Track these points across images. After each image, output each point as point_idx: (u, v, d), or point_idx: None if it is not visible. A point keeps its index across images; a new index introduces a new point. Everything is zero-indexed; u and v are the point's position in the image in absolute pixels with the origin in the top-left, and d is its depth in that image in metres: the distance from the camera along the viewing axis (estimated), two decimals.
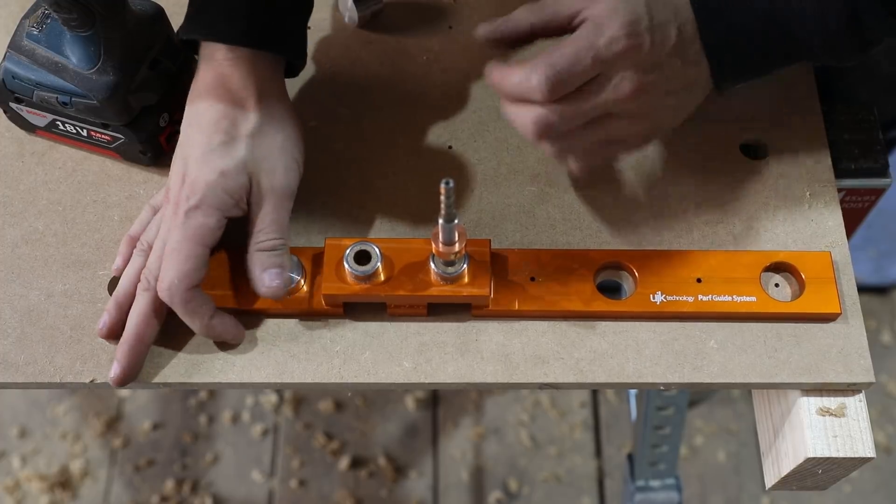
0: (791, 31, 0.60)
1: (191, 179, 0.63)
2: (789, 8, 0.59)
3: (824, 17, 0.59)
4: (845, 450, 0.64)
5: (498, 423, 1.58)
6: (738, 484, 1.54)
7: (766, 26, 0.60)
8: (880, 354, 1.63)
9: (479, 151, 0.74)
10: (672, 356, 0.66)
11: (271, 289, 0.64)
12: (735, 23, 0.60)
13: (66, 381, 0.65)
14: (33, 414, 1.58)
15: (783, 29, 0.60)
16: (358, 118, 0.76)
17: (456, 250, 0.61)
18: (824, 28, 0.60)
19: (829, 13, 0.59)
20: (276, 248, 0.64)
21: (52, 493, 1.51)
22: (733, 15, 0.60)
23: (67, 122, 0.71)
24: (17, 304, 0.68)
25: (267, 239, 0.64)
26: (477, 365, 0.65)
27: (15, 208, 0.72)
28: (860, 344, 0.66)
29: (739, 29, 0.60)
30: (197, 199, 0.62)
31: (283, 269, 0.65)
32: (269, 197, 0.65)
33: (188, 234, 0.62)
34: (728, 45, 0.61)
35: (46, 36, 0.68)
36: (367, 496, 1.52)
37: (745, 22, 0.60)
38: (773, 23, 0.60)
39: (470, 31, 0.80)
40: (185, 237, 0.62)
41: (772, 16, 0.60)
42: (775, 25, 0.60)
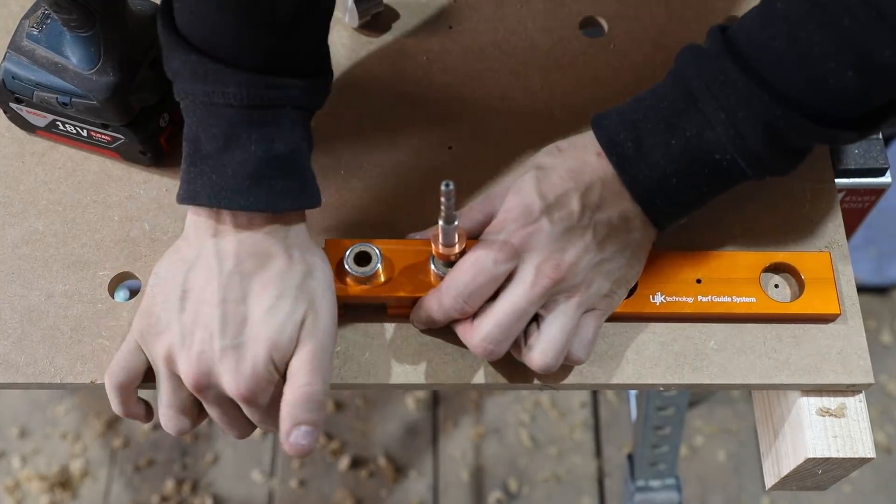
0: (714, 161, 0.58)
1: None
2: (704, 140, 0.58)
3: (742, 140, 0.57)
4: (845, 450, 0.64)
5: (498, 423, 1.58)
6: (738, 484, 1.54)
7: (689, 164, 0.59)
8: (880, 354, 1.63)
9: (479, 152, 0.74)
10: (672, 357, 0.66)
11: (299, 449, 0.57)
12: (655, 164, 0.59)
13: (67, 381, 0.65)
14: (33, 414, 1.58)
15: (706, 161, 0.58)
16: (358, 118, 0.76)
17: (456, 251, 0.61)
18: (746, 151, 0.57)
19: (747, 136, 0.57)
20: (313, 398, 0.57)
21: (52, 493, 1.51)
22: (651, 157, 0.59)
23: (67, 123, 0.71)
24: (18, 304, 0.68)
25: (306, 383, 0.57)
26: (477, 365, 0.65)
27: (15, 208, 0.72)
28: (860, 344, 0.66)
29: (661, 170, 0.59)
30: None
31: (317, 427, 0.57)
32: (311, 339, 0.58)
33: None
34: (654, 188, 0.60)
35: (46, 36, 0.68)
36: (367, 496, 1.52)
37: (666, 163, 0.59)
38: (694, 158, 0.58)
39: (470, 31, 0.80)
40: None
41: (689, 152, 0.58)
42: (696, 160, 0.59)
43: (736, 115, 0.56)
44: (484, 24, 0.80)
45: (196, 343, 0.57)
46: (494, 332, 0.60)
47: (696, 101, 0.58)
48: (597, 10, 0.81)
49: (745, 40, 0.57)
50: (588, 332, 0.62)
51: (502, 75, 0.78)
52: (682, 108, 0.58)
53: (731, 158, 0.58)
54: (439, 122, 0.76)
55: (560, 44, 0.79)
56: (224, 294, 0.57)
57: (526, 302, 0.59)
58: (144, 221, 0.71)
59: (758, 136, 0.57)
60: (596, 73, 0.78)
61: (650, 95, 0.60)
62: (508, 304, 0.60)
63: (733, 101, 0.56)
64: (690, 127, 0.58)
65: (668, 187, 0.60)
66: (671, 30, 0.80)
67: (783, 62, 0.55)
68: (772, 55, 0.56)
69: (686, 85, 0.58)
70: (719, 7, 0.80)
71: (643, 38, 0.79)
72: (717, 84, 0.57)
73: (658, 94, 0.60)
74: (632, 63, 0.78)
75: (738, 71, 0.56)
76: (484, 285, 0.60)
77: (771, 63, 0.56)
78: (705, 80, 0.57)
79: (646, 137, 0.59)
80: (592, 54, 0.79)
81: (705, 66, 0.57)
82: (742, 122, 0.56)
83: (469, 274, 0.60)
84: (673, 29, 0.80)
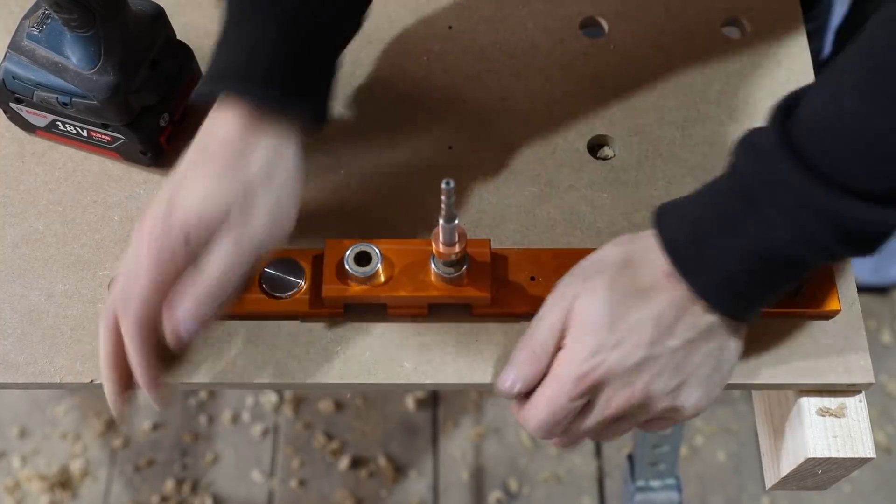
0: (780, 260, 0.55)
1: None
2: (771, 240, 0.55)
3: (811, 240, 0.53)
4: (845, 450, 0.64)
5: (498, 423, 1.58)
6: (738, 484, 1.54)
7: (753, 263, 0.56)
8: (880, 354, 1.63)
9: (480, 151, 0.74)
10: None
11: (179, 338, 0.58)
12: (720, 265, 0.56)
13: (67, 381, 0.65)
14: (33, 414, 1.58)
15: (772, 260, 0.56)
16: (358, 118, 0.76)
17: (456, 251, 0.61)
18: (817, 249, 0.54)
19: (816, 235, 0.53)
20: (212, 294, 0.58)
21: (52, 493, 1.51)
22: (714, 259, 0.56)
23: (67, 123, 0.71)
24: (18, 304, 0.68)
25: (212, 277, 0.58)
26: (477, 365, 0.65)
27: (15, 208, 0.72)
28: (860, 344, 0.66)
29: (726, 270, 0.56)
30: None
31: (202, 323, 0.59)
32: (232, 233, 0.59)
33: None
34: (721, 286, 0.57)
35: (46, 36, 0.68)
36: (367, 496, 1.52)
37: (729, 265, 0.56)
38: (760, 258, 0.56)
39: (470, 31, 0.80)
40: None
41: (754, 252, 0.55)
42: (763, 259, 0.56)
43: (799, 219, 0.53)
44: (484, 24, 0.80)
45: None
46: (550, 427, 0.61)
47: (756, 202, 0.54)
48: (597, 10, 0.81)
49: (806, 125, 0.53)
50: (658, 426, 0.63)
51: (502, 76, 0.78)
52: (742, 208, 0.55)
53: (801, 255, 0.55)
54: (439, 122, 0.76)
55: (560, 44, 0.79)
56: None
57: (596, 424, 0.60)
58: None
59: (829, 234, 0.53)
60: (596, 73, 0.78)
61: (711, 192, 0.58)
62: (582, 428, 0.61)
63: (791, 203, 0.53)
64: (753, 228, 0.55)
65: (737, 286, 0.57)
66: (671, 30, 0.80)
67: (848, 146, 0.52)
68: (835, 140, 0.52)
69: (745, 184, 0.55)
70: (719, 7, 0.80)
71: (643, 38, 0.79)
72: (773, 185, 0.53)
73: (719, 191, 0.58)
74: (632, 63, 0.78)
75: (795, 170, 0.52)
76: (562, 419, 0.60)
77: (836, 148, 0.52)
78: (762, 179, 0.54)
79: (705, 237, 0.57)
80: (592, 54, 0.79)
81: (763, 164, 0.54)
82: (809, 225, 0.53)
83: (546, 411, 0.60)
84: (673, 29, 0.80)
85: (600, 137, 0.75)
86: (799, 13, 0.80)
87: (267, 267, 0.67)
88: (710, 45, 0.79)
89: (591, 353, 0.58)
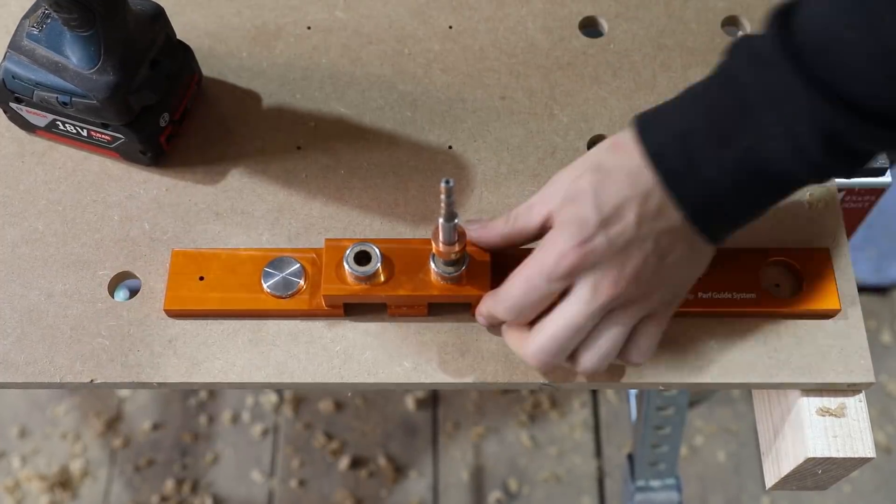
0: (771, 173, 0.54)
1: None
2: (761, 153, 0.53)
3: (803, 153, 0.52)
4: (845, 450, 0.64)
5: (498, 423, 1.58)
6: (738, 484, 1.54)
7: (744, 177, 0.54)
8: (880, 354, 1.63)
9: (480, 151, 0.74)
10: (672, 356, 0.66)
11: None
12: (707, 180, 0.54)
13: (66, 381, 0.65)
14: (33, 414, 1.58)
15: (762, 174, 0.54)
16: (358, 118, 0.76)
17: (456, 250, 0.61)
18: (808, 163, 0.52)
19: (809, 149, 0.52)
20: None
21: (52, 493, 1.51)
22: (703, 174, 0.54)
23: (67, 122, 0.71)
24: (17, 304, 0.68)
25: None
26: (477, 365, 0.65)
27: (15, 208, 0.72)
28: (860, 344, 0.66)
29: (714, 187, 0.55)
30: None
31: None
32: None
33: None
34: (707, 205, 0.55)
35: (46, 36, 0.68)
36: (367, 496, 1.52)
37: (719, 179, 0.54)
38: (750, 172, 0.54)
39: (470, 31, 0.80)
40: None
41: (745, 166, 0.54)
42: (752, 174, 0.54)
43: (795, 129, 0.51)
44: (484, 24, 0.80)
45: None
46: (549, 345, 0.58)
47: (752, 112, 0.52)
48: (597, 10, 0.81)
49: (809, 35, 0.51)
50: (645, 340, 0.60)
51: (502, 75, 0.78)
52: (738, 117, 0.53)
53: (792, 170, 0.53)
54: (439, 122, 0.76)
55: (560, 44, 0.79)
56: None
57: (583, 318, 0.57)
58: (144, 221, 0.71)
59: (819, 150, 0.51)
60: (596, 73, 0.78)
61: (701, 99, 0.55)
62: (564, 321, 0.58)
63: (792, 113, 0.51)
64: (747, 138, 0.53)
65: (722, 203, 0.55)
66: (671, 30, 0.80)
67: (856, 58, 0.50)
68: (842, 52, 0.50)
69: (740, 92, 0.53)
70: (719, 7, 0.80)
71: (643, 38, 0.79)
72: (774, 95, 0.52)
73: (710, 98, 0.55)
74: (632, 63, 0.78)
75: (798, 81, 0.51)
76: (536, 302, 0.58)
77: (840, 63, 0.50)
78: (761, 88, 0.52)
79: (697, 151, 0.54)
80: (592, 54, 0.79)
81: (762, 73, 0.52)
82: (803, 136, 0.51)
83: (521, 290, 0.58)
84: (673, 29, 0.80)
85: (600, 137, 0.75)
86: None
87: (267, 267, 0.67)
88: (710, 45, 0.79)
89: (577, 232, 0.56)
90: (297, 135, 0.75)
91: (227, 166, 0.73)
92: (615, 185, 0.56)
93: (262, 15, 0.81)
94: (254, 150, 0.74)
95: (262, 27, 0.80)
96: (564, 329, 0.58)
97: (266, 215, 0.71)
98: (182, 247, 0.69)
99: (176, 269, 0.67)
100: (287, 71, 0.78)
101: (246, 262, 0.67)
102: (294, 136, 0.75)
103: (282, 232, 0.70)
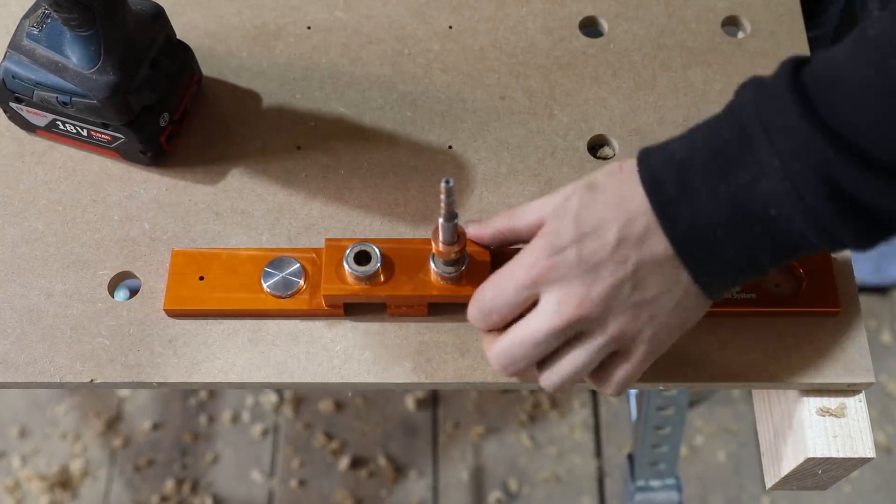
0: (768, 217, 0.51)
1: None
2: (758, 190, 0.51)
3: (800, 197, 0.49)
4: (845, 450, 0.64)
5: (498, 423, 1.58)
6: (738, 484, 1.54)
7: (738, 216, 0.52)
8: (880, 354, 1.63)
9: (479, 151, 0.74)
10: (672, 356, 0.65)
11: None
12: (698, 209, 0.52)
13: (66, 380, 0.65)
14: (33, 414, 1.58)
15: (758, 216, 0.51)
16: (358, 118, 0.76)
17: (456, 250, 0.61)
18: (805, 209, 0.50)
19: (805, 191, 0.49)
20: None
21: (52, 493, 1.51)
22: (694, 201, 0.52)
23: (67, 122, 0.71)
24: (17, 303, 0.68)
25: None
26: (477, 365, 0.65)
27: (15, 208, 0.72)
28: (860, 344, 0.66)
29: (705, 218, 0.52)
30: None
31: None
32: None
33: None
34: (696, 237, 0.53)
35: (46, 36, 0.68)
36: (367, 496, 1.52)
37: (711, 209, 0.52)
38: (745, 210, 0.51)
39: (470, 31, 0.80)
40: None
41: (740, 202, 0.51)
42: (748, 214, 0.51)
43: (791, 166, 0.49)
44: (484, 24, 0.80)
45: None
46: (506, 354, 0.58)
47: (751, 144, 0.51)
48: (597, 10, 0.81)
49: (820, 73, 0.50)
50: (615, 376, 0.58)
51: (502, 75, 0.78)
52: (737, 150, 0.51)
53: (788, 216, 0.50)
54: (439, 122, 0.76)
55: (560, 44, 0.79)
56: None
57: (543, 333, 0.56)
58: (144, 221, 0.71)
59: (816, 193, 0.49)
60: (596, 73, 0.78)
61: (705, 130, 0.54)
62: (524, 332, 0.57)
63: (789, 149, 0.49)
64: (744, 174, 0.51)
65: (713, 240, 0.53)
66: (671, 30, 0.80)
67: (863, 101, 0.48)
68: (849, 92, 0.49)
69: (742, 124, 0.52)
70: (719, 7, 0.80)
71: (643, 38, 0.79)
72: (774, 127, 0.50)
73: (713, 130, 0.54)
74: (632, 63, 0.78)
75: (799, 114, 0.49)
76: (503, 307, 0.58)
77: (846, 103, 0.49)
78: (763, 120, 0.50)
79: (692, 178, 0.53)
80: (592, 54, 0.79)
81: (765, 103, 0.51)
82: (797, 176, 0.49)
83: (490, 295, 0.58)
84: (673, 29, 0.80)
85: (600, 137, 0.75)
86: (799, 13, 0.80)
87: (267, 267, 0.67)
88: (710, 45, 0.79)
89: (551, 243, 0.55)
90: (297, 135, 0.75)
91: (227, 166, 0.73)
92: (602, 205, 0.55)
93: (262, 15, 0.81)
94: (254, 150, 0.74)
95: (262, 27, 0.80)
96: (523, 341, 0.57)
97: (266, 215, 0.71)
98: (182, 247, 0.69)
99: (176, 268, 0.68)
100: (287, 71, 0.78)
101: (246, 261, 0.67)
102: (294, 136, 0.75)
103: (282, 232, 0.70)
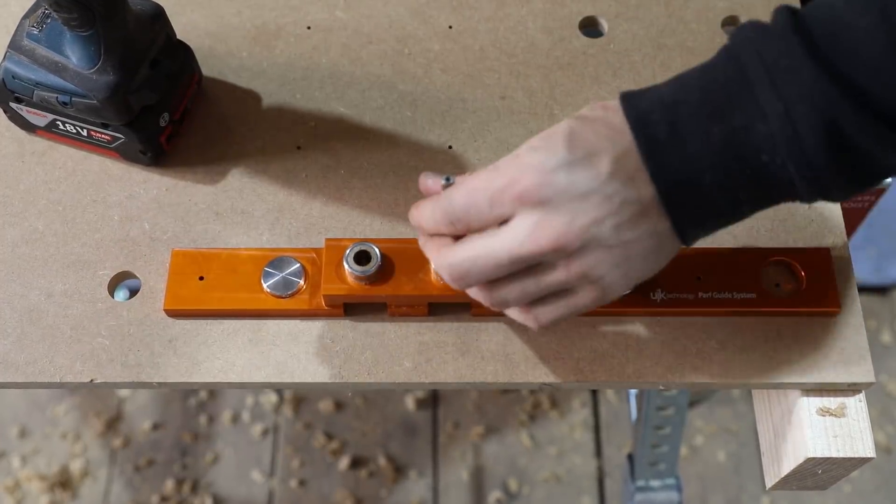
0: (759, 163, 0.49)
1: None
2: (753, 134, 0.49)
3: (798, 141, 0.48)
4: (845, 450, 0.64)
5: (498, 423, 1.58)
6: (738, 484, 1.54)
7: (729, 161, 0.49)
8: (880, 354, 1.63)
9: (479, 151, 0.74)
10: (672, 356, 0.66)
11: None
12: (690, 155, 0.50)
13: (66, 380, 0.65)
14: (33, 414, 1.58)
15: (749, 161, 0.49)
16: (358, 118, 0.76)
17: None
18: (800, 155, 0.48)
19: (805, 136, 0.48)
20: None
21: (52, 493, 1.51)
22: (686, 146, 0.50)
23: (67, 122, 0.71)
24: (17, 303, 0.68)
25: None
26: (477, 365, 0.65)
27: (15, 208, 0.72)
28: (860, 344, 0.66)
29: (695, 164, 0.50)
30: None
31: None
32: None
33: None
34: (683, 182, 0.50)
35: (46, 36, 0.68)
36: (367, 496, 1.52)
37: (702, 155, 0.50)
38: (737, 155, 0.49)
39: (470, 31, 0.80)
40: None
41: (733, 146, 0.49)
42: (739, 158, 0.49)
43: (795, 109, 0.47)
44: (484, 24, 0.80)
45: None
46: (461, 267, 0.54)
47: (752, 87, 0.49)
48: (597, 10, 0.81)
49: (821, 18, 0.48)
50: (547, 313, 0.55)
51: (502, 75, 0.78)
52: (735, 92, 0.49)
53: (781, 163, 0.49)
54: (439, 122, 0.76)
55: (560, 44, 0.79)
56: None
57: (509, 257, 0.51)
58: (144, 221, 0.71)
59: (817, 139, 0.47)
60: (596, 73, 0.78)
61: (698, 74, 0.51)
62: (488, 249, 0.52)
63: (795, 91, 0.47)
64: (740, 116, 0.49)
65: (701, 186, 0.50)
66: (671, 30, 0.80)
67: (867, 47, 0.47)
68: (853, 37, 0.47)
69: (741, 65, 0.49)
70: (719, 7, 0.80)
71: (643, 38, 0.79)
72: (778, 69, 0.48)
73: (707, 73, 0.51)
74: (632, 63, 0.78)
75: (805, 55, 0.47)
76: (473, 217, 0.53)
77: (850, 48, 0.47)
78: (765, 62, 0.48)
79: (683, 122, 0.50)
80: (592, 54, 0.79)
81: (767, 45, 0.49)
82: (801, 119, 0.47)
83: (463, 199, 0.53)
84: (673, 29, 0.80)
85: None
86: None
87: (267, 266, 0.67)
88: (710, 45, 0.79)
89: (540, 161, 0.51)
90: (297, 135, 0.75)
91: (227, 166, 0.73)
92: (594, 133, 0.51)
93: (262, 15, 0.81)
94: (254, 150, 0.74)
95: (262, 27, 0.80)
96: (487, 258, 0.52)
97: (266, 215, 0.71)
98: (182, 247, 0.69)
99: (176, 268, 0.68)
100: (287, 71, 0.78)
101: (246, 261, 0.67)
102: (294, 136, 0.75)
103: (282, 232, 0.70)
